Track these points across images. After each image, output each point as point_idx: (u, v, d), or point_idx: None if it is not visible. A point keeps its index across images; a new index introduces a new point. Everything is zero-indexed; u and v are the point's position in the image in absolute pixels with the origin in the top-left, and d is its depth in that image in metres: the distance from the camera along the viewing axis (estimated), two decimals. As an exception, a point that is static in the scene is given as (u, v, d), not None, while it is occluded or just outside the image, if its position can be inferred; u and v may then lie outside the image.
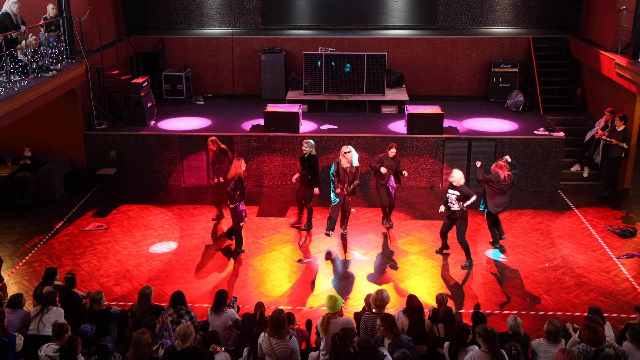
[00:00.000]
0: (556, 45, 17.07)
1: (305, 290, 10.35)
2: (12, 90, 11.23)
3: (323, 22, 18.52)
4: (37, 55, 12.58)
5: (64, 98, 13.71)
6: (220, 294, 7.98)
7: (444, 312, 7.48)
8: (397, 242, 11.92)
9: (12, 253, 11.60)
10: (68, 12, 13.90)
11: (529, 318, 9.51)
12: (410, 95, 16.38)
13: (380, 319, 6.97)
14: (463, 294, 10.23)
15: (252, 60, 17.48)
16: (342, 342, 6.44)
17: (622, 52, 13.74)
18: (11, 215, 13.14)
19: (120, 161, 14.52)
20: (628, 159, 14.07)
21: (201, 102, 17.08)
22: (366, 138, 14.16)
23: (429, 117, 14.21)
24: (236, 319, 8.05)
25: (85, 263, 11.22)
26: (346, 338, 6.47)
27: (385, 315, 7.05)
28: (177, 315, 7.86)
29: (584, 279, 10.68)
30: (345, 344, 6.43)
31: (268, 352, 6.81)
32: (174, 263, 11.22)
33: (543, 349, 6.97)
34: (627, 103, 13.93)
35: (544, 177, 14.28)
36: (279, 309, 7.02)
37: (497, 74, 16.91)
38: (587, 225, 12.59)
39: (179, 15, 18.55)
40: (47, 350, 6.87)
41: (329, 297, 7.21)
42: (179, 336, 6.53)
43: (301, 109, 15.09)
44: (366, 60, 15.92)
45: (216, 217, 12.81)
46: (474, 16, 18.38)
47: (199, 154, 14.37)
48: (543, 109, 15.89)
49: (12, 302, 7.96)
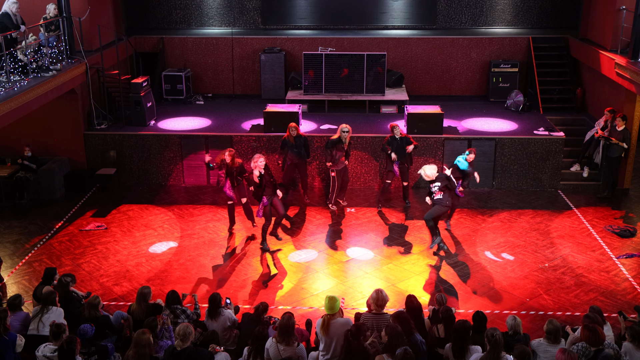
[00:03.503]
0: (556, 45, 17.07)
1: (305, 290, 10.35)
2: (12, 90, 11.23)
3: (323, 22, 18.52)
4: (37, 55, 12.57)
5: (64, 98, 13.71)
6: (213, 298, 7.94)
7: (443, 312, 7.47)
8: (397, 242, 11.92)
9: (12, 253, 11.60)
10: (68, 12, 13.89)
11: (529, 318, 9.51)
12: (410, 95, 16.38)
13: (393, 317, 6.97)
14: (463, 294, 10.23)
15: (252, 60, 17.48)
16: (355, 338, 6.45)
17: (622, 52, 13.74)
18: (11, 215, 13.13)
19: (120, 161, 14.52)
20: (628, 159, 14.08)
21: (201, 102, 17.08)
22: (366, 138, 14.15)
23: (429, 117, 14.22)
24: (234, 319, 8.04)
25: (85, 263, 11.22)
26: (359, 333, 6.49)
27: (398, 313, 7.03)
28: (174, 315, 7.87)
29: (583, 279, 10.68)
30: (359, 339, 6.45)
31: (275, 358, 6.79)
32: (174, 263, 11.22)
33: (543, 349, 6.97)
34: (627, 103, 13.93)
35: (544, 177, 14.28)
36: (288, 315, 6.97)
37: (497, 74, 16.91)
38: (587, 225, 12.59)
39: (178, 15, 18.55)
40: (44, 351, 6.86)
41: (327, 298, 7.18)
42: (178, 336, 6.53)
43: (301, 109, 15.09)
44: (366, 60, 15.93)
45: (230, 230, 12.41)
46: (473, 16, 18.38)
47: (198, 154, 14.36)
48: (543, 109, 15.89)
49: (11, 304, 7.93)
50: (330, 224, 12.68)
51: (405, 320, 6.91)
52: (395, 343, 6.32)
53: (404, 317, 6.95)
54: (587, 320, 7.13)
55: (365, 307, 8.12)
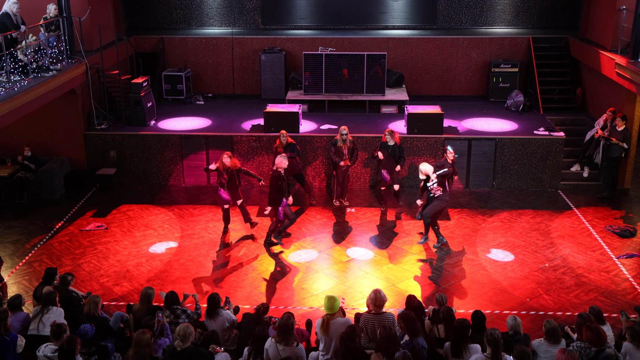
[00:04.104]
0: (556, 45, 17.07)
1: (305, 290, 10.35)
2: (12, 90, 11.23)
3: (323, 22, 18.51)
4: (37, 55, 12.57)
5: (64, 98, 13.71)
6: (212, 298, 7.92)
7: (444, 312, 7.47)
8: (397, 242, 11.92)
9: (12, 253, 11.60)
10: (68, 12, 13.89)
11: (529, 318, 9.51)
12: (410, 95, 16.38)
13: (399, 317, 6.99)
14: (462, 293, 10.22)
15: (252, 60, 17.48)
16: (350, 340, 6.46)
17: (622, 52, 13.74)
18: (11, 215, 13.14)
19: (120, 161, 14.52)
20: (628, 159, 14.07)
21: (201, 102, 17.08)
22: (366, 138, 14.15)
23: (429, 117, 14.21)
24: (233, 319, 8.04)
25: (85, 263, 11.22)
26: (354, 335, 6.50)
27: (404, 314, 7.03)
28: (174, 316, 7.86)
29: (584, 279, 10.68)
30: (354, 341, 6.45)
31: (274, 358, 6.79)
32: (174, 263, 11.21)
33: (543, 349, 6.97)
34: (627, 103, 13.93)
35: (544, 177, 14.28)
36: (287, 315, 6.97)
37: (497, 74, 16.91)
38: (587, 225, 12.58)
39: (179, 15, 18.55)
40: (45, 351, 6.86)
41: (327, 298, 7.17)
42: (178, 336, 6.53)
43: (301, 109, 15.09)
44: (366, 60, 15.93)
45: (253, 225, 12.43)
46: (474, 16, 18.38)
47: (199, 154, 14.37)
48: (543, 109, 15.89)
49: (12, 304, 7.93)
50: (330, 224, 12.68)
51: (411, 320, 6.89)
52: (386, 345, 6.31)
53: (411, 318, 6.93)
54: (580, 320, 7.12)
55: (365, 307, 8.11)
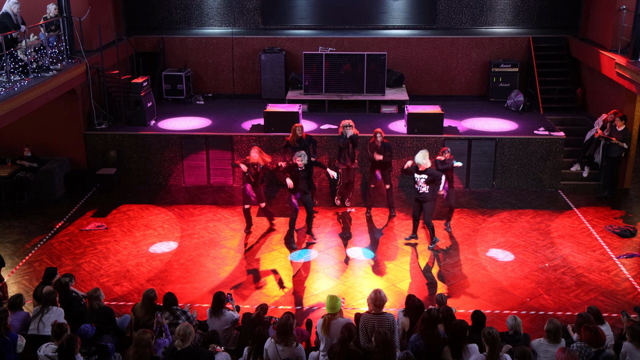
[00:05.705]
0: (556, 45, 17.07)
1: (306, 290, 10.35)
2: (12, 90, 11.23)
3: (323, 22, 18.52)
4: (37, 55, 12.57)
5: (64, 98, 13.71)
6: (218, 296, 7.95)
7: (443, 312, 7.46)
8: (397, 242, 11.92)
9: (12, 253, 11.60)
10: (68, 12, 13.89)
11: (529, 318, 9.51)
12: (410, 95, 16.38)
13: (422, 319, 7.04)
14: (462, 293, 10.23)
15: (252, 60, 17.48)
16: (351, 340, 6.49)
17: (622, 52, 13.74)
18: (11, 215, 13.14)
19: (120, 161, 14.52)
20: (628, 159, 14.08)
21: (201, 102, 17.08)
22: (366, 138, 14.14)
23: (429, 117, 14.22)
24: (235, 319, 8.04)
25: (86, 263, 11.22)
26: (351, 336, 6.51)
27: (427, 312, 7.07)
28: (174, 317, 7.87)
29: (584, 278, 10.68)
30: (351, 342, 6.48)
31: (274, 359, 6.79)
32: (174, 263, 11.22)
33: (543, 349, 6.97)
34: (627, 103, 13.93)
35: (544, 177, 14.28)
36: (287, 315, 6.96)
37: (497, 74, 16.91)
38: (587, 225, 12.59)
39: (179, 15, 18.55)
40: (46, 350, 6.87)
41: (328, 297, 7.18)
42: (178, 336, 6.53)
43: (301, 108, 15.09)
44: (366, 60, 15.93)
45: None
46: (474, 16, 18.38)
47: (199, 154, 14.38)
48: (543, 109, 15.89)
49: (12, 304, 7.94)
50: (330, 224, 12.68)
51: (427, 321, 6.93)
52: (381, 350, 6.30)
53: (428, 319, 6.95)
54: (580, 320, 7.12)
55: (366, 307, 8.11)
